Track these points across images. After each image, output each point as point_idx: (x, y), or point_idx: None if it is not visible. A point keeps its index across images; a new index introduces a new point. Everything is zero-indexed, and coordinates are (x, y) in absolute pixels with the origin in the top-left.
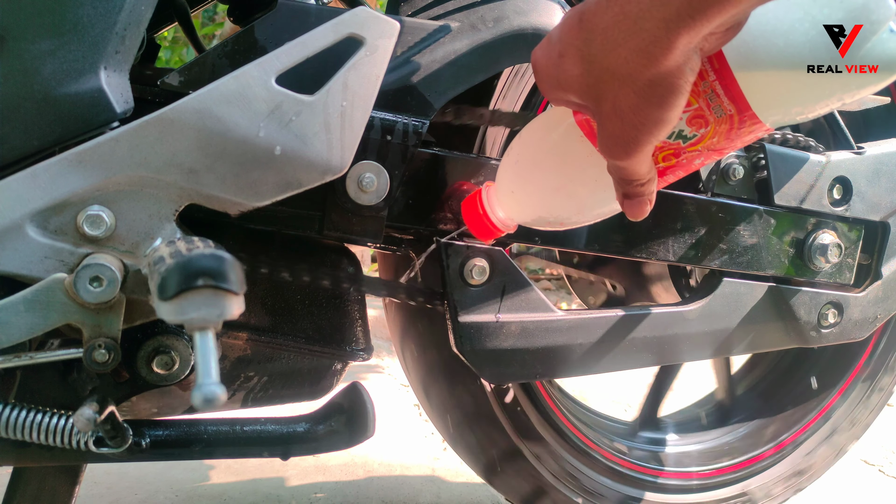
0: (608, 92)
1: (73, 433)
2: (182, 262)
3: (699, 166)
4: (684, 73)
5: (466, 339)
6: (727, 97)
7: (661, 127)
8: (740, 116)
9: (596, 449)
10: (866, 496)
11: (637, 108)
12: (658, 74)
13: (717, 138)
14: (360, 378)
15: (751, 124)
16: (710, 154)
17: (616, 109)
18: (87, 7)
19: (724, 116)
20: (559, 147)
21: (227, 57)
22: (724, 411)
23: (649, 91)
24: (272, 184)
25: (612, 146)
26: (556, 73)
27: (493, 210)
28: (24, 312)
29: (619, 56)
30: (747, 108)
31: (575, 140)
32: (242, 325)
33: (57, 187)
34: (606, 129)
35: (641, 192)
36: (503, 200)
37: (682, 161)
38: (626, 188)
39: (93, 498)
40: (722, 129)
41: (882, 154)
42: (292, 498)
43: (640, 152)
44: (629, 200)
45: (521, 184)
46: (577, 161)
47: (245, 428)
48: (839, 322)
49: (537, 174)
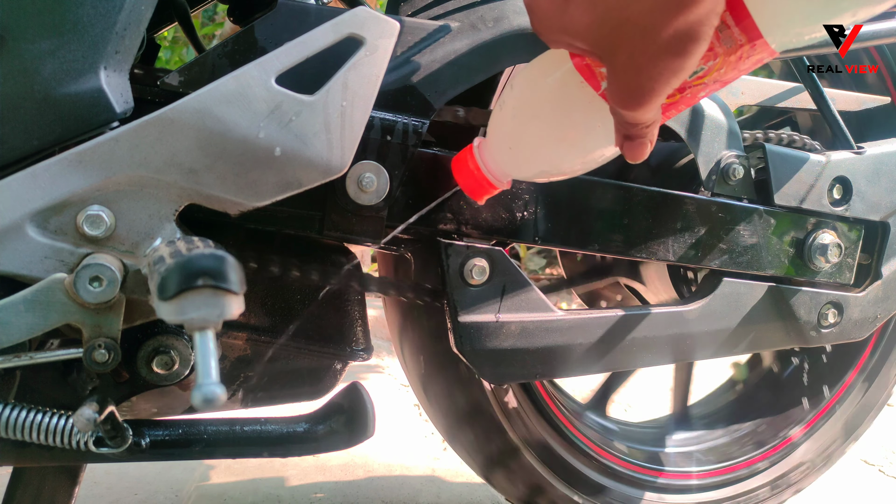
0: (624, 43)
1: (73, 433)
2: (182, 262)
3: (702, 98)
4: (710, 19)
5: (466, 339)
6: (738, 27)
7: (680, 75)
8: (750, 44)
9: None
10: (866, 496)
11: (656, 58)
12: (685, 24)
13: (724, 69)
14: (360, 378)
15: (760, 50)
16: (716, 85)
17: (633, 61)
18: (87, 7)
19: (734, 46)
20: (559, 96)
21: (227, 57)
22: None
23: (673, 42)
24: (272, 184)
25: (624, 97)
26: (561, 18)
27: (487, 167)
28: (24, 312)
29: (643, 6)
30: (758, 35)
31: (575, 87)
32: (242, 325)
33: (57, 187)
34: (620, 80)
35: (644, 134)
36: (499, 157)
37: (686, 96)
38: (629, 130)
39: (93, 498)
40: (731, 60)
41: (882, 154)
42: (292, 498)
43: (654, 102)
44: (630, 142)
45: (521, 139)
46: (580, 109)
47: (245, 428)
48: (839, 322)
49: (537, 127)
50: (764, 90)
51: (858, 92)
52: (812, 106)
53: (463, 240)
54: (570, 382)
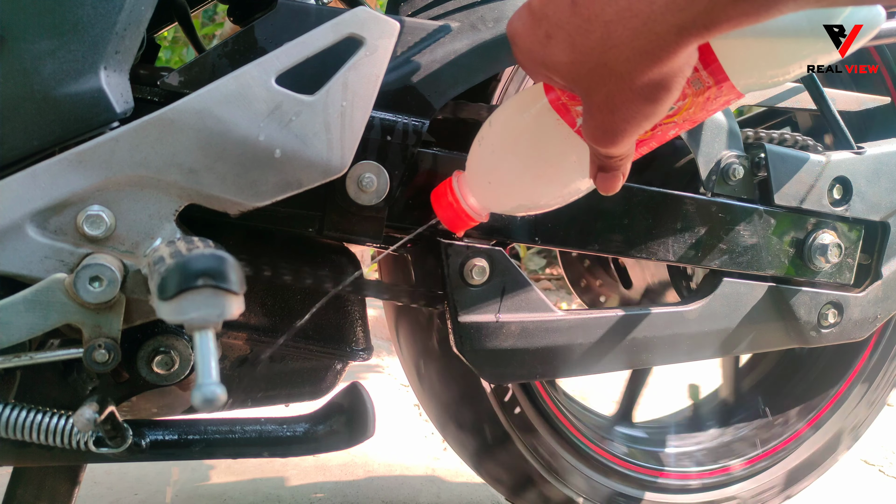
0: (601, 85)
1: (73, 433)
2: (182, 262)
3: (673, 136)
4: (684, 71)
5: (466, 339)
6: (706, 70)
7: (652, 119)
8: (717, 86)
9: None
10: (866, 496)
11: (630, 103)
12: (658, 74)
13: (693, 109)
14: (360, 378)
15: (726, 92)
16: (685, 124)
17: (608, 102)
18: (87, 7)
19: (702, 88)
20: (535, 133)
21: (227, 57)
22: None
23: (647, 89)
24: (272, 184)
25: (598, 134)
26: (542, 54)
27: (466, 201)
28: (24, 312)
29: (620, 54)
30: (725, 78)
31: (551, 125)
32: (242, 325)
33: (57, 187)
34: (595, 118)
35: (617, 167)
36: (479, 192)
37: (657, 133)
38: (604, 162)
39: (93, 498)
40: (698, 101)
41: (882, 154)
42: (292, 498)
43: (627, 141)
44: (604, 174)
45: (499, 174)
46: (556, 145)
47: (245, 428)
48: (839, 322)
49: (515, 164)
50: (764, 90)
51: (858, 92)
52: (812, 106)
53: (463, 240)
54: (570, 382)
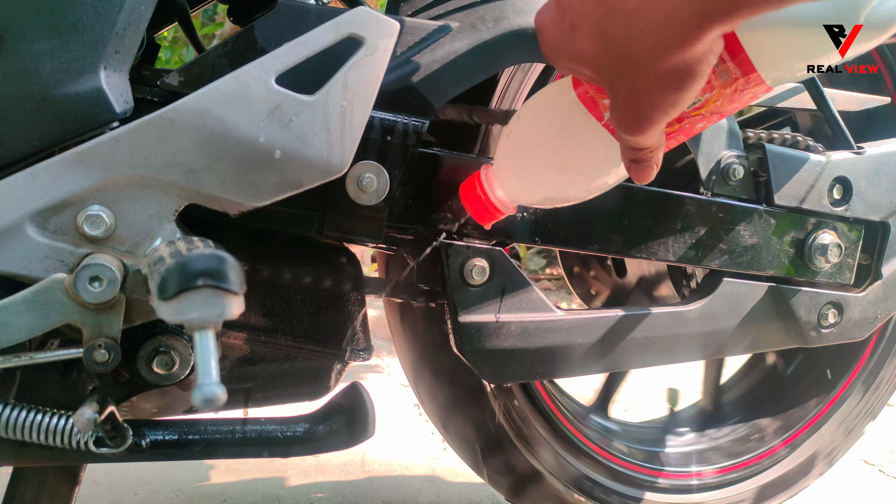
0: (626, 75)
1: (73, 433)
2: (182, 262)
3: (701, 129)
4: (708, 59)
5: (466, 339)
6: (732, 61)
7: (679, 108)
8: (745, 78)
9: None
10: (866, 496)
11: (655, 91)
12: (682, 62)
13: (720, 101)
14: (360, 378)
15: (754, 84)
16: (713, 117)
17: (633, 92)
18: (87, 7)
19: (729, 80)
20: (563, 126)
21: (227, 57)
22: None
23: (671, 77)
24: (272, 184)
25: (626, 125)
26: (568, 46)
27: (494, 194)
28: (24, 312)
29: (644, 45)
30: (752, 69)
31: (579, 117)
32: (242, 325)
33: (57, 187)
34: (621, 109)
35: (650, 158)
36: (507, 184)
37: (684, 126)
38: (635, 154)
39: (93, 498)
40: (726, 93)
41: (882, 154)
42: (292, 498)
43: (654, 129)
44: (637, 165)
45: (527, 167)
46: (584, 138)
47: (245, 428)
48: (839, 322)
49: (543, 156)
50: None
51: (858, 92)
52: (812, 106)
53: (463, 240)
54: (570, 382)
